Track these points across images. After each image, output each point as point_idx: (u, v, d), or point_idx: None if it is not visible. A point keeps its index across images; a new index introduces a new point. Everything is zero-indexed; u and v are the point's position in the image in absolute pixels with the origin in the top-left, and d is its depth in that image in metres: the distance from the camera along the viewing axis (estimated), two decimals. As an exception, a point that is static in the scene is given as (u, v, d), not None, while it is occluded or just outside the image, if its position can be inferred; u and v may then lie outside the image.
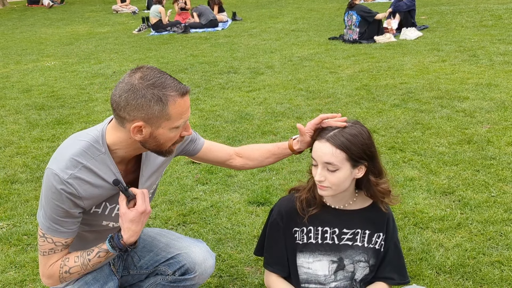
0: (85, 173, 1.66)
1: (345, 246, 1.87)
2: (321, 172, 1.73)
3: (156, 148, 1.69)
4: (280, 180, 3.65)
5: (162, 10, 11.59)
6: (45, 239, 1.72)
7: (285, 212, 1.89)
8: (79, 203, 1.68)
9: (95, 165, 1.68)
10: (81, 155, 1.67)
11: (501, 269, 2.53)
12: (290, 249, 1.90)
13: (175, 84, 1.62)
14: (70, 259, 1.76)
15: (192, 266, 2.04)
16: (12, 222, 3.29)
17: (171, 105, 1.59)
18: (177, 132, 1.68)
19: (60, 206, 1.65)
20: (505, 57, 6.93)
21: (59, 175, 1.62)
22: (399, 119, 4.78)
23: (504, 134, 4.23)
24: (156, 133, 1.64)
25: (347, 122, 1.78)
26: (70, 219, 1.70)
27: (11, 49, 10.59)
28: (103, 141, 1.70)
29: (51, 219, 1.68)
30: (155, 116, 1.59)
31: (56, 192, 1.63)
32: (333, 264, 1.87)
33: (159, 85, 1.59)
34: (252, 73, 7.06)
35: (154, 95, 1.57)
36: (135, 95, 1.58)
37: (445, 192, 3.33)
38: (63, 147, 1.72)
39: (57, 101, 6.21)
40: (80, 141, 1.70)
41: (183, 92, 1.62)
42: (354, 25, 8.77)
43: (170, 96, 1.59)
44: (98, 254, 1.76)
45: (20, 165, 4.25)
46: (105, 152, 1.70)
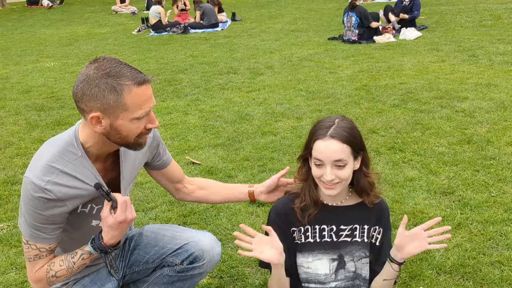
0: (63, 178, 1.64)
1: (344, 242, 1.87)
2: (331, 171, 1.71)
3: (121, 140, 1.66)
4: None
5: (161, 11, 11.59)
6: (29, 246, 1.72)
7: (283, 213, 1.89)
8: (61, 206, 1.66)
9: (73, 169, 1.66)
10: (57, 161, 1.65)
11: (501, 269, 2.53)
12: (290, 248, 1.90)
13: (132, 74, 1.57)
14: (55, 264, 1.76)
15: (201, 253, 2.04)
16: (13, 223, 3.29)
17: (126, 95, 1.56)
18: (139, 124, 1.63)
19: (40, 213, 1.64)
20: (504, 57, 6.94)
21: (36, 183, 1.60)
22: (398, 119, 4.78)
23: (504, 134, 4.24)
24: (116, 125, 1.60)
25: (336, 117, 1.78)
26: (51, 225, 1.69)
27: (11, 50, 10.59)
28: (77, 142, 1.68)
29: (32, 226, 1.68)
30: (110, 106, 1.56)
31: (34, 200, 1.62)
32: (334, 263, 1.87)
33: (114, 74, 1.55)
34: (252, 73, 7.06)
35: (107, 85, 1.55)
36: (89, 85, 1.55)
37: (445, 192, 3.34)
38: (38, 154, 1.70)
39: (57, 102, 6.21)
40: (54, 146, 1.68)
41: (140, 81, 1.58)
42: (353, 26, 8.78)
43: (125, 85, 1.55)
44: (81, 256, 1.75)
45: (20, 166, 4.25)
46: (81, 156, 1.68)
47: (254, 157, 4.10)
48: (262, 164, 3.97)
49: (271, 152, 4.20)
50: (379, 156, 3.98)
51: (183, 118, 5.27)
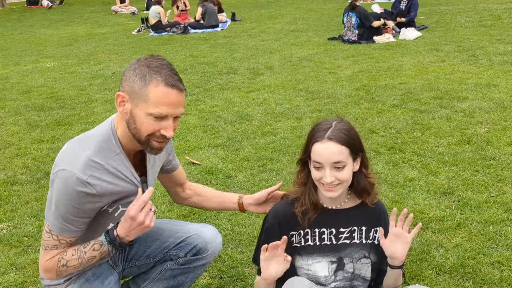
0: (104, 174, 1.69)
1: (344, 245, 1.88)
2: (331, 173, 1.72)
3: (135, 132, 1.68)
4: (280, 180, 3.66)
5: (161, 11, 11.59)
6: (50, 235, 1.75)
7: (281, 217, 1.89)
8: (98, 201, 1.71)
9: (113, 166, 1.72)
10: (97, 156, 1.69)
11: (501, 269, 2.53)
12: (287, 252, 1.90)
13: (167, 74, 1.64)
14: (67, 253, 1.78)
15: (204, 245, 2.08)
16: (13, 223, 3.29)
17: (151, 87, 1.61)
18: (153, 123, 1.64)
19: (75, 206, 1.68)
20: (504, 57, 6.94)
21: (78, 176, 1.64)
22: (398, 119, 4.79)
23: (504, 134, 4.24)
24: (134, 113, 1.65)
25: (333, 120, 1.78)
26: (82, 219, 1.73)
27: (11, 50, 10.59)
28: (115, 138, 1.74)
29: (64, 219, 1.70)
30: (135, 91, 1.63)
31: (73, 193, 1.65)
32: (333, 265, 1.88)
33: (153, 67, 1.64)
34: (252, 73, 7.06)
35: (141, 72, 1.63)
36: (130, 68, 1.67)
37: (445, 192, 3.34)
38: (73, 148, 1.73)
39: (57, 102, 6.21)
40: (92, 141, 1.72)
41: (170, 83, 1.63)
42: (353, 27, 8.78)
43: (154, 79, 1.62)
44: (93, 246, 1.77)
45: (20, 166, 4.25)
46: (120, 152, 1.74)
47: (254, 157, 4.10)
48: (262, 164, 3.97)
49: (271, 152, 4.20)
50: (379, 156, 3.98)
51: (183, 118, 5.28)
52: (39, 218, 3.33)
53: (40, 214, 3.38)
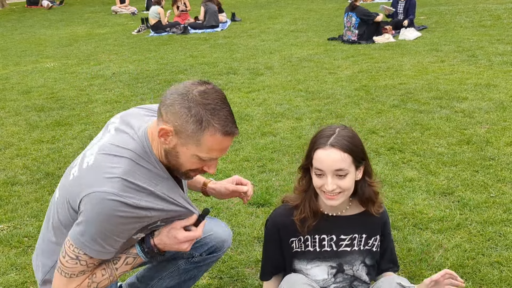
0: (155, 199, 1.58)
1: (344, 252, 1.86)
2: (332, 180, 1.68)
3: (174, 164, 1.60)
4: (280, 181, 3.66)
5: (161, 11, 11.59)
6: (77, 261, 1.59)
7: (281, 224, 1.87)
8: (145, 222, 1.61)
9: (162, 191, 1.60)
10: (145, 181, 1.56)
11: (500, 269, 2.53)
12: (287, 257, 1.89)
13: (226, 120, 1.51)
14: (97, 275, 1.65)
15: (221, 244, 2.08)
16: (13, 224, 3.29)
17: (207, 134, 1.50)
18: (199, 162, 1.58)
19: (122, 230, 1.56)
20: (504, 57, 6.94)
21: (126, 202, 1.50)
22: (398, 119, 4.79)
23: (503, 135, 4.24)
24: (180, 149, 1.55)
25: (337, 127, 1.76)
26: (123, 239, 1.61)
27: (11, 50, 10.60)
28: (157, 161, 1.61)
29: (106, 242, 1.56)
30: (187, 133, 1.51)
31: (121, 217, 1.51)
32: (332, 270, 1.87)
33: (211, 110, 1.49)
34: (252, 74, 7.07)
35: (198, 114, 1.48)
36: (183, 102, 1.49)
37: (444, 192, 3.34)
38: (107, 167, 1.55)
39: (57, 102, 6.21)
40: (131, 162, 1.57)
41: (227, 132, 1.52)
42: (353, 26, 8.78)
43: (212, 126, 1.49)
44: (125, 261, 1.68)
45: (20, 167, 4.25)
46: (167, 178, 1.63)
47: (254, 158, 4.11)
48: (262, 164, 3.97)
49: (270, 152, 4.20)
50: (379, 156, 3.99)
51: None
52: (39, 218, 3.34)
53: (40, 214, 3.39)
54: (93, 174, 1.55)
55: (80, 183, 1.57)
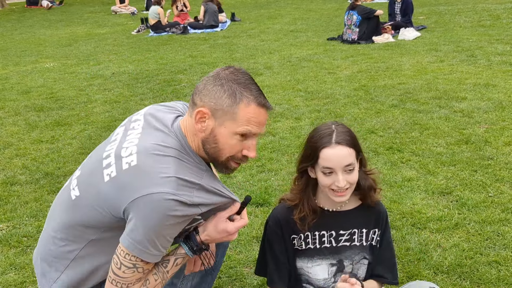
0: (203, 193, 1.58)
1: (344, 247, 1.88)
2: (343, 177, 1.70)
3: (213, 152, 1.59)
4: (279, 181, 3.67)
5: (161, 11, 11.60)
6: (135, 269, 1.56)
7: (283, 221, 1.88)
8: (195, 219, 1.61)
9: (207, 183, 1.60)
10: (190, 175, 1.56)
11: (498, 269, 2.54)
12: (290, 254, 1.90)
13: (258, 93, 1.56)
14: (150, 281, 1.63)
15: None
16: (12, 224, 3.30)
17: (242, 106, 1.53)
18: (238, 143, 1.57)
19: (175, 229, 1.55)
20: (503, 57, 6.95)
21: (182, 200, 1.50)
22: (397, 119, 4.80)
23: (502, 134, 4.25)
24: (217, 132, 1.56)
25: (331, 123, 1.77)
26: (172, 240, 1.60)
27: (10, 50, 10.60)
28: (195, 155, 1.62)
29: (162, 244, 1.54)
30: (222, 109, 1.53)
31: (175, 217, 1.50)
32: (333, 267, 1.88)
33: (242, 83, 1.55)
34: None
35: (231, 88, 1.53)
36: (214, 82, 1.55)
37: (443, 192, 3.35)
38: (154, 167, 1.53)
39: (56, 102, 6.22)
40: (174, 160, 1.57)
41: (261, 103, 1.55)
42: (354, 25, 8.80)
43: (245, 97, 1.54)
44: (175, 262, 1.67)
45: (19, 167, 4.26)
46: (206, 169, 1.64)
47: (253, 158, 4.11)
48: (261, 164, 3.98)
49: (270, 152, 4.21)
50: (378, 156, 3.99)
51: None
52: (38, 218, 3.34)
53: (39, 214, 3.39)
54: (144, 176, 1.51)
55: (127, 185, 1.52)
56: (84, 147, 4.62)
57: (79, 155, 4.42)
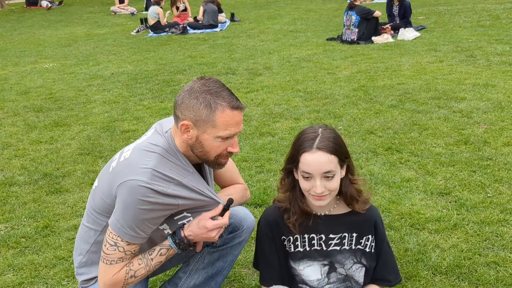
0: (183, 188, 1.77)
1: (334, 251, 1.87)
2: (321, 183, 1.69)
3: (202, 155, 1.79)
4: (277, 181, 3.65)
5: (160, 11, 11.60)
6: (116, 247, 1.77)
7: (272, 222, 1.89)
8: (173, 210, 1.79)
9: (189, 183, 1.79)
10: (172, 173, 1.76)
11: (497, 269, 2.54)
12: (281, 255, 1.90)
13: (229, 97, 1.74)
14: (134, 263, 1.82)
15: (239, 221, 2.15)
16: (10, 224, 3.30)
17: (219, 113, 1.71)
18: (221, 144, 1.76)
19: (153, 216, 1.74)
20: (502, 57, 6.94)
21: (157, 188, 1.70)
22: (396, 120, 4.79)
23: (501, 135, 4.25)
24: (202, 138, 1.75)
25: (319, 127, 1.76)
26: (154, 226, 1.79)
27: (9, 51, 10.60)
28: (183, 157, 1.81)
29: (139, 227, 1.74)
30: (202, 119, 1.72)
31: (151, 202, 1.70)
32: (325, 267, 1.87)
33: (214, 93, 1.72)
34: (250, 74, 7.07)
35: (205, 100, 1.71)
36: (190, 96, 1.73)
37: (442, 193, 3.35)
38: (147, 162, 1.75)
39: (55, 103, 6.21)
40: (161, 158, 1.77)
41: (234, 106, 1.73)
42: (353, 25, 8.80)
43: (219, 105, 1.71)
44: (159, 252, 1.84)
45: (18, 167, 4.25)
46: (193, 172, 1.83)
47: (252, 158, 4.11)
48: (260, 165, 3.97)
49: (269, 153, 4.21)
50: (376, 156, 3.99)
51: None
52: (37, 219, 3.34)
53: (37, 215, 3.39)
54: (128, 166, 1.76)
55: (117, 173, 1.78)
56: (83, 147, 4.62)
57: (78, 156, 4.42)
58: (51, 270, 2.76)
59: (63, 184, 3.86)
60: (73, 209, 3.45)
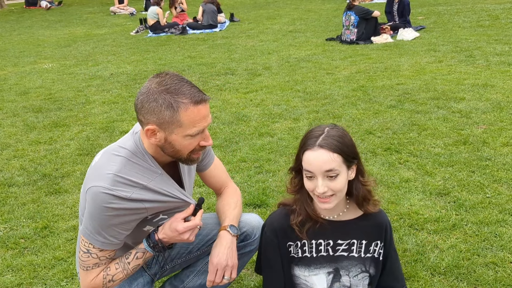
0: (148, 192, 1.72)
1: (341, 257, 1.82)
2: (323, 182, 1.63)
3: (174, 154, 1.71)
4: (276, 182, 3.66)
5: (159, 12, 11.60)
6: (89, 254, 1.74)
7: (278, 228, 1.84)
8: (143, 214, 1.74)
9: (156, 185, 1.74)
10: (138, 177, 1.70)
11: (496, 270, 2.54)
12: (285, 262, 1.86)
13: (190, 92, 1.61)
14: (111, 268, 1.79)
15: (251, 230, 2.09)
16: (9, 225, 3.30)
17: (182, 112, 1.60)
18: (193, 140, 1.68)
19: (121, 221, 1.69)
20: (501, 57, 6.95)
21: (121, 195, 1.65)
22: (395, 120, 4.79)
23: (500, 135, 4.25)
24: (170, 139, 1.66)
25: (326, 126, 1.72)
26: (127, 231, 1.75)
27: (9, 51, 10.60)
28: (151, 159, 1.75)
29: (108, 233, 1.70)
30: (166, 121, 1.62)
31: (115, 208, 1.65)
32: (329, 276, 1.83)
33: (173, 91, 1.60)
34: (250, 74, 7.07)
35: (165, 101, 1.60)
36: (148, 99, 1.62)
37: (441, 193, 3.35)
38: (104, 164, 1.71)
39: (55, 103, 6.21)
40: (125, 161, 1.71)
41: (197, 101, 1.62)
42: (352, 25, 8.80)
43: (181, 103, 1.60)
44: (136, 255, 1.80)
45: (17, 168, 4.25)
46: (161, 173, 1.76)
47: (251, 159, 4.11)
48: (259, 165, 3.97)
49: (268, 153, 4.21)
50: (375, 157, 3.99)
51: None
52: (36, 220, 3.34)
53: (36, 216, 3.39)
54: (94, 172, 1.72)
55: (87, 178, 1.74)
56: (82, 148, 4.61)
57: (77, 156, 4.42)
58: (50, 270, 2.76)
59: (62, 185, 3.86)
60: (72, 209, 3.45)
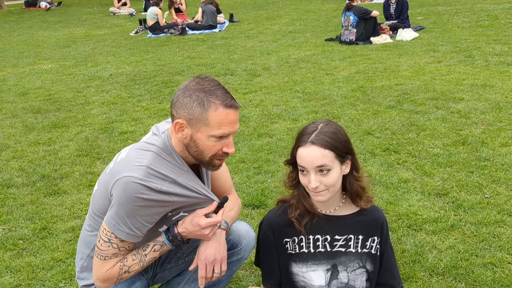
0: (177, 186, 1.77)
1: (339, 252, 1.84)
2: (315, 177, 1.69)
3: (197, 155, 1.78)
4: (275, 182, 3.66)
5: (159, 12, 11.60)
6: (110, 244, 1.77)
7: (275, 225, 1.87)
8: (168, 207, 1.78)
9: (184, 181, 1.80)
10: (168, 171, 1.76)
11: (494, 270, 2.54)
12: (282, 259, 1.88)
13: (223, 96, 1.72)
14: (128, 259, 1.82)
15: (237, 238, 2.11)
16: (8, 226, 3.30)
17: (212, 112, 1.69)
18: (216, 143, 1.75)
19: (147, 213, 1.73)
20: (500, 57, 6.95)
21: (152, 186, 1.70)
22: (394, 120, 4.80)
23: (499, 135, 4.25)
24: (196, 137, 1.74)
25: (320, 122, 1.76)
26: (150, 224, 1.78)
27: (8, 52, 10.60)
28: (179, 157, 1.81)
29: (133, 224, 1.73)
30: (195, 117, 1.71)
31: (145, 199, 1.70)
32: (328, 273, 1.84)
33: (208, 91, 1.71)
34: (249, 75, 7.07)
35: (198, 98, 1.70)
36: (184, 94, 1.73)
37: (439, 193, 3.35)
38: (142, 160, 1.75)
39: (54, 104, 6.21)
40: (158, 157, 1.78)
41: (227, 105, 1.71)
42: (352, 25, 8.80)
43: (212, 103, 1.69)
44: (153, 248, 1.83)
45: (16, 169, 4.25)
46: (187, 170, 1.82)
47: (250, 159, 4.11)
48: (258, 166, 3.98)
49: (267, 154, 4.21)
50: (374, 157, 3.99)
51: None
52: (35, 221, 3.34)
53: (35, 217, 3.39)
54: (124, 164, 1.77)
55: (113, 172, 1.78)
56: (81, 149, 4.61)
57: (76, 157, 4.42)
58: (48, 272, 2.76)
59: (61, 186, 3.86)
60: (71, 210, 3.44)
